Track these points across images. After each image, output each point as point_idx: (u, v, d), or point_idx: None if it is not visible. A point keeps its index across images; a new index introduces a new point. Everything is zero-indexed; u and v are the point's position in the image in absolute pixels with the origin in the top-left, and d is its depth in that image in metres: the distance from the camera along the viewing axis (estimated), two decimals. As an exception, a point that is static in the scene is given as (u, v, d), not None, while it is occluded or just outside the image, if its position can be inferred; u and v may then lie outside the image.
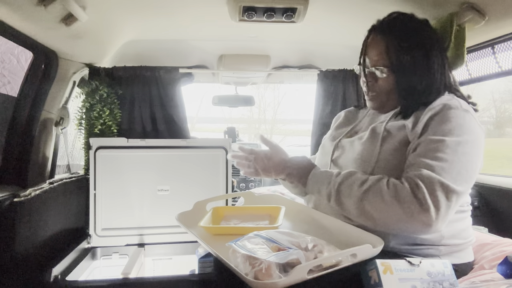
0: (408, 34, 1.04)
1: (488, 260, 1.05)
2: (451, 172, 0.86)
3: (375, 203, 0.89)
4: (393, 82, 1.06)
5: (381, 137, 1.01)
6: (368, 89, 1.12)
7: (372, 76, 1.09)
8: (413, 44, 1.03)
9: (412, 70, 1.03)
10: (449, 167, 0.87)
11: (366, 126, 1.15)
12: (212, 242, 0.99)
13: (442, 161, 0.87)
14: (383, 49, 1.05)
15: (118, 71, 2.00)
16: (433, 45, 1.06)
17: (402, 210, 0.85)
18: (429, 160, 0.88)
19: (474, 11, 1.25)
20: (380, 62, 1.06)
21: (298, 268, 0.73)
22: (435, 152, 0.89)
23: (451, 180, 0.85)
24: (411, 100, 1.04)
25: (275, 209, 1.20)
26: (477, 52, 1.57)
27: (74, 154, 2.11)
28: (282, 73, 2.32)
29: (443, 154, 0.88)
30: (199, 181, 1.87)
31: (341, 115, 1.34)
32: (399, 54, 1.03)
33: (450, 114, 0.94)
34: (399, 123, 1.02)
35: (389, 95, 1.09)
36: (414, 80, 1.03)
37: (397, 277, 0.80)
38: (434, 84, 1.05)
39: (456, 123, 0.92)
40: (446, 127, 0.92)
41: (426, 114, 0.97)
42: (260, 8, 1.41)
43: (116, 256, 1.81)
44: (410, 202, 0.84)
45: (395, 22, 1.08)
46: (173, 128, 2.09)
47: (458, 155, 0.89)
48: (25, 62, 1.62)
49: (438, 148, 0.89)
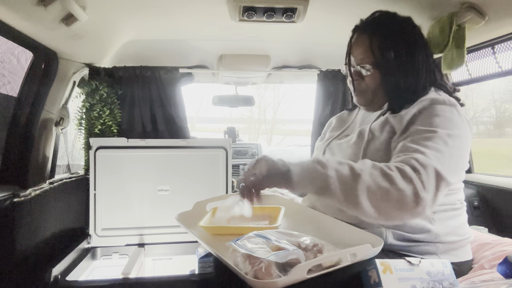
0: (391, 31, 1.06)
1: (488, 260, 1.05)
2: (442, 161, 0.85)
3: (380, 187, 0.81)
4: (379, 79, 1.07)
5: (366, 140, 1.03)
6: (354, 88, 1.13)
7: (358, 75, 1.10)
8: (397, 41, 1.05)
9: (397, 66, 1.04)
10: (441, 157, 0.86)
11: (357, 127, 1.16)
12: (212, 242, 0.99)
13: (435, 150, 0.86)
14: (368, 47, 1.06)
15: (118, 71, 2.00)
16: (416, 41, 1.07)
17: (406, 193, 0.79)
18: (422, 147, 0.87)
19: (474, 11, 1.25)
20: (365, 60, 1.07)
21: (297, 268, 0.73)
22: (427, 141, 0.88)
23: (443, 169, 0.84)
24: (398, 97, 1.05)
25: (274, 209, 1.20)
26: (477, 52, 1.57)
27: (74, 154, 2.11)
28: (282, 73, 2.32)
29: (435, 144, 0.87)
30: (199, 181, 1.87)
31: (332, 121, 1.34)
32: (383, 51, 1.04)
33: (437, 108, 0.95)
34: (382, 120, 1.02)
35: (375, 93, 1.10)
36: (399, 76, 1.05)
37: (397, 277, 0.80)
38: (419, 80, 1.05)
39: (445, 117, 0.93)
40: (435, 121, 0.92)
41: (413, 107, 0.98)
42: (260, 8, 1.41)
43: (116, 256, 1.81)
44: (414, 184, 0.80)
45: (378, 20, 1.10)
46: (173, 128, 2.09)
47: (449, 147, 0.88)
48: (25, 62, 1.62)
49: (429, 137, 0.89)
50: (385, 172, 0.81)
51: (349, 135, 1.16)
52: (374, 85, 1.08)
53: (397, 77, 1.05)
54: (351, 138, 1.10)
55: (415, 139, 0.90)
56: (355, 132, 1.11)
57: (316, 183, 0.83)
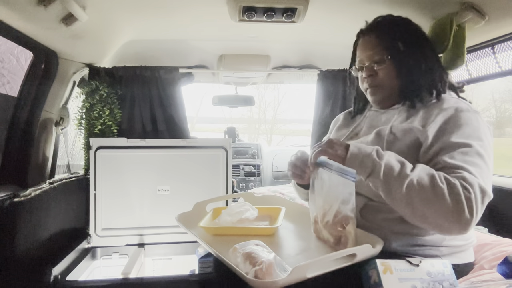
0: (398, 26, 1.11)
1: (488, 260, 1.05)
2: (483, 176, 0.87)
3: (423, 192, 0.84)
4: (393, 71, 1.08)
5: (385, 141, 1.02)
6: (369, 84, 1.13)
7: (371, 70, 1.11)
8: (404, 34, 1.09)
9: (408, 55, 1.07)
10: (480, 172, 0.88)
11: (367, 128, 1.15)
12: (212, 242, 0.99)
13: (473, 166, 0.88)
14: (377, 44, 1.10)
15: (118, 71, 2.00)
16: (422, 35, 1.13)
17: (450, 207, 0.82)
18: (463, 163, 0.88)
19: (474, 11, 1.25)
20: (376, 54, 1.09)
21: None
22: (465, 156, 0.90)
23: (485, 184, 0.87)
24: (414, 87, 1.06)
25: (275, 210, 1.20)
26: (477, 52, 1.57)
27: (74, 154, 2.10)
28: (282, 73, 2.32)
29: (473, 159, 0.89)
30: (199, 181, 1.87)
31: (340, 118, 1.34)
32: (393, 42, 1.08)
33: (463, 116, 0.96)
34: (406, 127, 1.02)
35: (390, 86, 1.10)
36: (412, 65, 1.07)
37: (397, 277, 0.80)
38: (433, 70, 1.08)
39: (473, 126, 0.95)
40: (466, 131, 0.93)
41: (437, 115, 0.98)
42: (260, 8, 1.41)
43: (116, 256, 1.81)
44: (460, 202, 0.82)
45: (382, 21, 1.14)
46: (173, 128, 2.09)
47: (484, 159, 0.90)
48: (25, 62, 1.62)
49: (466, 152, 0.90)
50: (435, 183, 0.84)
51: (359, 135, 1.16)
52: (389, 77, 1.09)
53: (410, 66, 1.06)
54: (366, 138, 1.09)
55: (453, 155, 0.90)
56: (370, 132, 1.10)
57: (367, 168, 0.89)
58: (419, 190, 0.84)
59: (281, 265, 0.79)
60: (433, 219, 0.84)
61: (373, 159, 0.89)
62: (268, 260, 0.76)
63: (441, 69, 1.11)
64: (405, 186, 0.84)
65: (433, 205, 0.83)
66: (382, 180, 0.87)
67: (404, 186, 0.85)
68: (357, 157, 0.90)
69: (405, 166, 0.88)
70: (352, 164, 0.90)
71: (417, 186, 0.84)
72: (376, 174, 0.88)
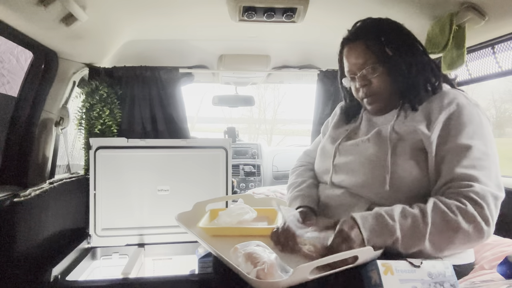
0: (382, 31, 1.06)
1: (488, 260, 1.05)
2: (492, 178, 0.88)
3: (445, 233, 0.86)
4: (387, 77, 1.05)
5: (389, 140, 0.99)
6: (365, 94, 1.09)
7: (364, 79, 1.07)
8: (390, 36, 1.05)
9: (399, 58, 1.03)
10: (489, 174, 0.88)
11: (366, 129, 1.13)
12: (212, 242, 0.99)
13: (482, 169, 0.88)
14: (365, 50, 1.05)
15: (118, 71, 2.00)
16: (405, 31, 1.09)
17: (470, 232, 0.85)
18: (471, 170, 0.88)
19: (474, 11, 1.25)
20: (367, 63, 1.05)
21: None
22: (473, 160, 0.89)
23: (495, 187, 0.87)
24: (412, 89, 1.04)
25: (272, 211, 1.20)
26: (477, 52, 1.57)
27: (74, 154, 2.10)
28: (282, 73, 2.32)
29: (480, 162, 0.89)
30: (199, 181, 1.87)
31: (337, 112, 1.30)
32: (381, 47, 1.04)
33: (465, 113, 0.95)
34: (410, 127, 0.99)
35: (388, 92, 1.07)
36: (405, 67, 1.03)
37: (398, 278, 0.80)
38: (424, 59, 1.06)
39: (476, 123, 0.94)
40: (469, 130, 0.93)
41: (440, 113, 0.96)
42: (260, 8, 1.41)
43: (116, 256, 1.81)
44: (477, 221, 0.84)
45: (365, 26, 1.10)
46: (173, 128, 2.08)
47: (490, 158, 0.90)
48: (25, 62, 1.62)
49: (472, 155, 0.89)
50: (449, 218, 0.84)
51: (358, 134, 1.13)
52: (384, 84, 1.05)
53: (403, 68, 1.03)
54: (367, 138, 1.07)
55: (460, 161, 0.90)
56: (369, 132, 1.08)
57: (385, 237, 0.86)
58: (438, 234, 0.85)
59: (282, 266, 0.79)
60: (457, 247, 0.88)
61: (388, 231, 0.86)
62: (270, 260, 0.76)
63: (432, 62, 1.08)
64: (427, 239, 0.85)
65: (454, 239, 0.85)
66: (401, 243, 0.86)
67: (426, 240, 0.85)
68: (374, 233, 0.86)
69: (417, 220, 0.85)
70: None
71: (435, 231, 0.85)
72: (395, 240, 0.86)
